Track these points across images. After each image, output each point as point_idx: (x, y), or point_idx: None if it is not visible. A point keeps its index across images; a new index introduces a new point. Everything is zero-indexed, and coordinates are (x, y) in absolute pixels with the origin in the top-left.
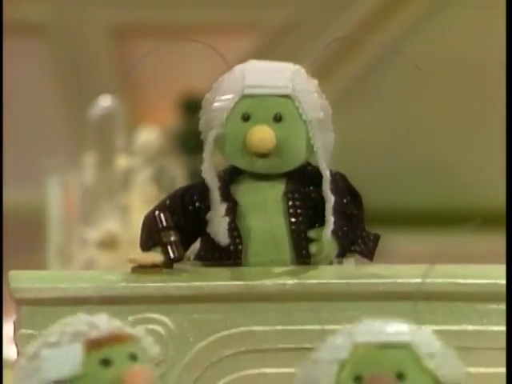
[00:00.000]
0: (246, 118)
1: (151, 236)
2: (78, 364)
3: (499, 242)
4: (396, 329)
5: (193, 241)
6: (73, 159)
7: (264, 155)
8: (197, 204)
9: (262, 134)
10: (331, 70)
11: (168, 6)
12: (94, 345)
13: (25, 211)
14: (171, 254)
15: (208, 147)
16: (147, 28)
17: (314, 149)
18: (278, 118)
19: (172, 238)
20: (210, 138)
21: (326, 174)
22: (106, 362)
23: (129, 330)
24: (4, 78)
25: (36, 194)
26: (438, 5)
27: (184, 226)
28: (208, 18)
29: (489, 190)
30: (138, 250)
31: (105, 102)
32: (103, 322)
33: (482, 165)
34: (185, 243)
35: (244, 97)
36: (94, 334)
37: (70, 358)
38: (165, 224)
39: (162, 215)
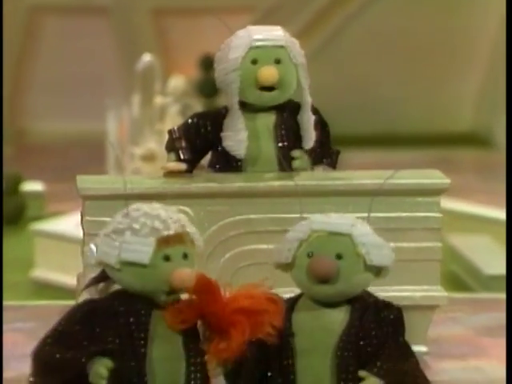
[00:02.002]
0: (254, 62)
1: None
2: (148, 255)
3: (427, 155)
4: (342, 221)
5: (203, 154)
6: (125, 99)
7: (269, 89)
8: (208, 128)
9: (271, 71)
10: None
11: None
12: (162, 242)
13: (92, 136)
14: (181, 156)
15: (235, 85)
16: (177, 9)
17: (302, 84)
18: (277, 61)
19: (183, 145)
20: (234, 78)
21: (308, 101)
22: (166, 258)
23: (189, 230)
24: (78, 42)
25: (99, 123)
26: None
27: (196, 141)
28: (218, 2)
29: (417, 119)
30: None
31: (147, 58)
32: (174, 222)
33: (411, 100)
34: (197, 154)
35: (251, 48)
36: (165, 233)
37: (144, 248)
38: (177, 134)
39: (175, 128)
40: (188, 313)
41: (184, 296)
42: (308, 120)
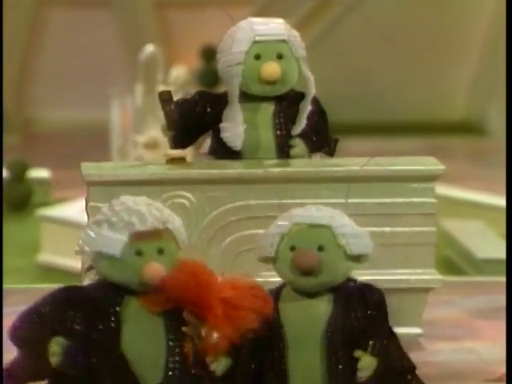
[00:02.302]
0: (257, 57)
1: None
2: (119, 249)
3: (422, 143)
4: (321, 214)
5: (196, 134)
6: (128, 88)
7: (272, 83)
8: (208, 109)
9: (274, 68)
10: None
11: None
12: (136, 237)
13: (96, 125)
14: (169, 118)
15: (237, 79)
16: (179, 1)
17: (306, 76)
18: (279, 56)
19: (171, 107)
20: (237, 72)
21: (313, 92)
22: (138, 253)
23: (170, 225)
24: (83, 34)
25: (104, 112)
26: None
27: (191, 118)
28: None
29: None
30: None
31: (150, 49)
32: (153, 218)
33: (407, 90)
34: (191, 132)
35: (254, 42)
36: (139, 228)
37: (116, 242)
38: (168, 97)
39: (167, 92)
40: (167, 293)
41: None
42: (307, 109)
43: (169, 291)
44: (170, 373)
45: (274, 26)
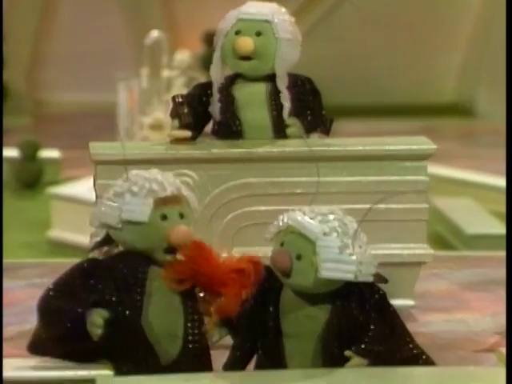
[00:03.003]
0: (237, 33)
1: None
2: (147, 214)
3: (414, 124)
4: (313, 228)
5: (204, 119)
6: (134, 72)
7: (247, 58)
8: (210, 98)
9: (247, 42)
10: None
11: None
12: (159, 202)
13: (104, 107)
14: (183, 120)
15: (216, 53)
16: None
17: (278, 56)
18: (258, 34)
19: (185, 110)
20: (217, 46)
21: (280, 73)
22: (164, 217)
23: (184, 192)
24: (92, 20)
25: (111, 95)
26: None
27: (198, 108)
28: None
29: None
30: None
31: (155, 34)
32: (170, 185)
33: (400, 73)
34: (199, 119)
35: (238, 20)
36: (162, 194)
37: (143, 208)
38: (180, 100)
39: (179, 96)
40: (183, 273)
41: (179, 257)
42: (282, 89)
43: (181, 270)
44: (190, 345)
45: (260, 7)
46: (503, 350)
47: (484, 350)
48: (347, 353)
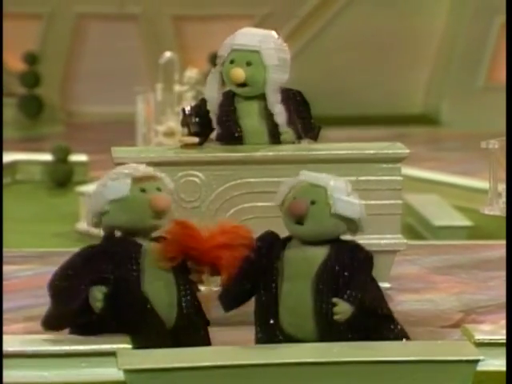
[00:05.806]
0: (232, 62)
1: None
2: (127, 189)
3: (387, 131)
4: (321, 176)
5: (210, 128)
6: (150, 87)
7: (241, 85)
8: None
9: (238, 73)
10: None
11: (204, 5)
12: (136, 179)
13: (125, 117)
14: (191, 129)
15: (214, 74)
16: (192, 16)
17: (268, 81)
18: (248, 64)
19: (193, 120)
20: (215, 71)
21: (270, 95)
22: (142, 190)
23: (156, 173)
24: (115, 42)
25: (131, 106)
26: None
27: (204, 118)
28: (224, 11)
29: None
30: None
31: (168, 55)
32: (143, 168)
33: (375, 88)
34: (205, 127)
35: (232, 50)
36: (137, 174)
37: (123, 186)
38: (188, 112)
39: (188, 107)
40: (172, 251)
41: (166, 230)
42: (273, 106)
43: (170, 249)
44: (185, 311)
45: (250, 37)
46: (467, 325)
47: (450, 325)
48: (335, 299)
